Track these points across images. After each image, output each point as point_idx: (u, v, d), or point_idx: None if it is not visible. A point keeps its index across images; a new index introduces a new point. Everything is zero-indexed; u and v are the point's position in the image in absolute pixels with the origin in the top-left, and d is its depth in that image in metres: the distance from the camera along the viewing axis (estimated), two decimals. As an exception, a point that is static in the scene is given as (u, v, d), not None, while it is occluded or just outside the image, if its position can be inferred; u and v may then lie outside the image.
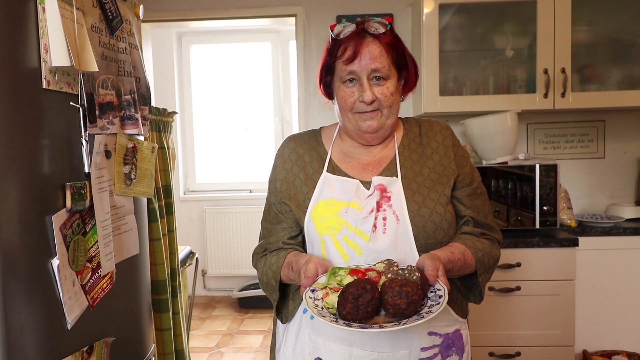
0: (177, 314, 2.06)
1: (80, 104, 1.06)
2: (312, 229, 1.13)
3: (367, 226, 1.08)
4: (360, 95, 1.12)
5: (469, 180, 1.19)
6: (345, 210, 1.10)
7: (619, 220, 2.47)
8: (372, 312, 0.91)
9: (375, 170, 1.18)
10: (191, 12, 2.98)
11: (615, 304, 2.35)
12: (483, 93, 2.57)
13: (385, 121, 1.15)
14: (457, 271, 1.09)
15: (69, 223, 1.03)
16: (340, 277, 0.98)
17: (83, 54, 1.04)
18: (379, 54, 1.11)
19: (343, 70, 1.13)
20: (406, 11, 2.84)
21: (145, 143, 1.36)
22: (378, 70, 1.11)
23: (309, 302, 0.93)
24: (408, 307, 0.89)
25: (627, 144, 2.78)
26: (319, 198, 1.14)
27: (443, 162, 1.17)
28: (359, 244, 1.08)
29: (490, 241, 1.18)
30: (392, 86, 1.13)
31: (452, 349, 1.11)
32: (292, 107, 4.39)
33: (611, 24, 2.55)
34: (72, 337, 1.05)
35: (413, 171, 1.16)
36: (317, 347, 1.10)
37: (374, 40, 1.13)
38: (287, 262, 1.13)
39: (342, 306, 0.90)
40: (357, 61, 1.11)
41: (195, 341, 3.50)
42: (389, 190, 1.12)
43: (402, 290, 0.89)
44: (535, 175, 2.31)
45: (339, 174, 1.17)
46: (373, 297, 0.90)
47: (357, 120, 1.15)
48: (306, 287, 0.97)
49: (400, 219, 1.09)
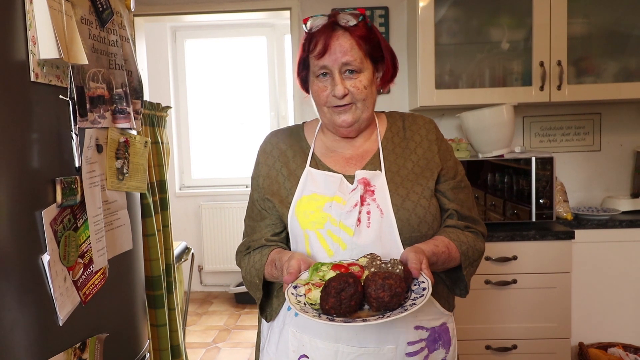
0: (173, 309, 2.05)
1: (70, 98, 1.05)
2: (295, 225, 1.12)
3: (351, 220, 1.06)
4: (332, 90, 1.10)
5: (453, 174, 1.18)
6: (329, 204, 1.09)
7: (614, 213, 2.47)
8: (355, 306, 0.89)
9: (358, 164, 1.16)
10: (185, 5, 2.95)
11: (611, 297, 2.35)
12: (479, 86, 2.56)
13: (361, 115, 1.13)
14: (442, 264, 1.08)
15: (60, 218, 1.02)
16: (322, 273, 0.96)
17: (72, 46, 1.02)
18: (350, 47, 1.09)
19: (315, 65, 1.12)
20: (402, 4, 2.82)
21: (137, 137, 1.34)
22: (349, 64, 1.09)
23: (292, 299, 0.92)
24: (391, 300, 0.87)
25: (623, 136, 2.78)
26: (302, 193, 1.13)
27: (427, 156, 1.16)
28: (343, 238, 1.07)
29: (474, 234, 1.17)
30: (366, 79, 1.11)
31: (438, 343, 1.10)
32: (287, 102, 4.37)
33: (607, 16, 2.54)
34: (64, 333, 1.04)
35: (397, 164, 1.15)
36: (302, 344, 1.09)
37: (344, 32, 1.10)
38: (271, 259, 1.11)
39: (325, 301, 0.89)
40: (327, 55, 1.09)
41: (192, 337, 3.50)
42: (373, 184, 1.10)
43: (385, 283, 0.87)
44: (531, 168, 2.31)
45: (322, 169, 1.16)
46: (356, 291, 0.88)
47: (332, 115, 1.14)
48: (288, 284, 0.96)
49: (384, 213, 1.07)
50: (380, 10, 2.83)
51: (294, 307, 0.90)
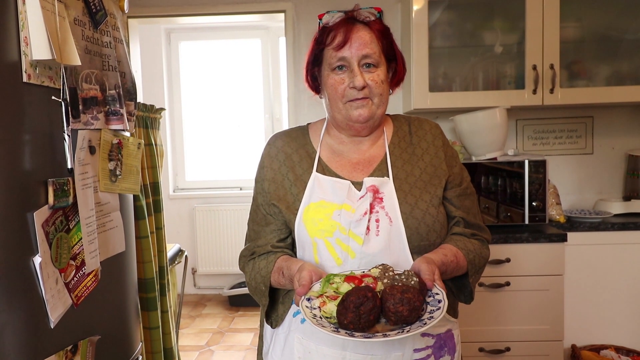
0: (166, 312, 2.04)
1: (62, 99, 1.04)
2: (303, 232, 1.10)
3: (361, 229, 1.05)
4: (351, 82, 1.09)
5: (459, 181, 1.18)
6: (338, 212, 1.08)
7: (607, 216, 2.49)
8: (373, 320, 0.89)
9: (365, 170, 1.15)
10: (179, 7, 2.94)
11: (604, 299, 2.36)
12: (472, 89, 2.57)
13: (376, 110, 1.13)
14: (450, 273, 1.08)
15: (52, 220, 1.01)
16: (336, 285, 0.95)
17: (65, 47, 1.02)
18: (370, 40, 1.10)
19: (333, 57, 1.11)
20: (395, 7, 2.82)
21: (131, 139, 1.34)
22: (369, 56, 1.09)
23: (307, 312, 0.90)
24: (410, 314, 0.87)
25: (615, 139, 2.80)
26: (309, 200, 1.11)
27: (434, 163, 1.16)
28: (352, 247, 1.06)
29: (480, 242, 1.17)
30: (383, 74, 1.12)
31: (444, 350, 1.10)
32: (282, 104, 4.37)
33: (599, 20, 2.56)
34: (56, 336, 1.03)
35: (404, 171, 1.14)
36: (308, 351, 1.08)
37: (364, 26, 1.11)
38: (278, 267, 1.10)
39: (344, 315, 0.88)
40: (347, 47, 1.09)
41: (186, 339, 3.48)
42: (381, 192, 1.09)
43: (404, 297, 0.87)
44: (524, 171, 2.32)
45: (329, 174, 1.14)
46: (375, 305, 0.88)
47: (348, 110, 1.12)
48: (301, 296, 0.94)
49: (393, 221, 1.07)
50: (375, 13, 2.84)
51: (311, 322, 0.88)
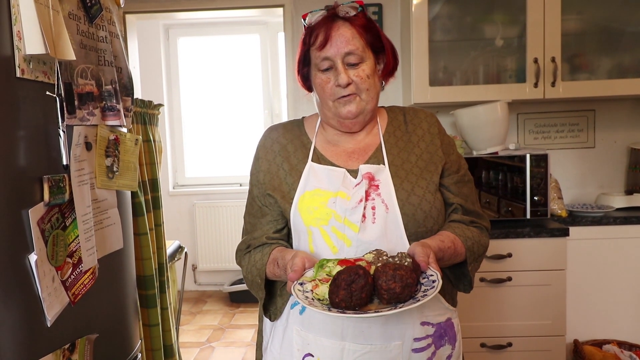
0: (166, 309, 2.03)
1: (57, 94, 1.02)
2: (298, 221, 1.10)
3: (357, 216, 1.05)
4: (335, 80, 1.09)
5: (456, 168, 1.18)
6: (333, 200, 1.07)
7: (609, 210, 2.47)
8: (365, 298, 0.87)
9: (361, 158, 1.15)
10: (178, 2, 2.92)
11: (606, 293, 2.35)
12: (473, 83, 2.55)
13: (365, 106, 1.12)
14: (448, 260, 1.07)
15: (48, 217, 1.00)
16: (329, 269, 0.94)
17: (59, 41, 1.00)
18: (351, 36, 1.09)
19: (317, 57, 1.11)
20: (395, 1, 2.80)
21: (128, 135, 1.32)
22: (351, 53, 1.08)
23: (299, 294, 0.89)
24: (403, 291, 0.85)
25: (617, 133, 2.78)
26: (304, 188, 1.11)
27: (430, 150, 1.15)
28: (348, 235, 1.05)
29: (479, 229, 1.17)
30: (368, 68, 1.11)
31: (444, 339, 1.09)
32: (281, 100, 4.35)
33: (601, 12, 2.54)
34: (53, 334, 1.02)
35: (400, 158, 1.14)
36: (307, 342, 1.08)
37: (345, 23, 1.10)
38: (272, 258, 1.09)
39: (335, 294, 0.86)
40: (329, 46, 1.09)
41: (186, 336, 3.48)
42: (377, 179, 1.09)
43: (396, 274, 0.86)
44: (525, 165, 2.30)
45: (325, 163, 1.14)
46: (367, 283, 0.86)
47: (337, 107, 1.12)
48: (293, 281, 0.94)
49: (389, 208, 1.06)
50: (374, 7, 2.82)
51: (302, 302, 0.87)
